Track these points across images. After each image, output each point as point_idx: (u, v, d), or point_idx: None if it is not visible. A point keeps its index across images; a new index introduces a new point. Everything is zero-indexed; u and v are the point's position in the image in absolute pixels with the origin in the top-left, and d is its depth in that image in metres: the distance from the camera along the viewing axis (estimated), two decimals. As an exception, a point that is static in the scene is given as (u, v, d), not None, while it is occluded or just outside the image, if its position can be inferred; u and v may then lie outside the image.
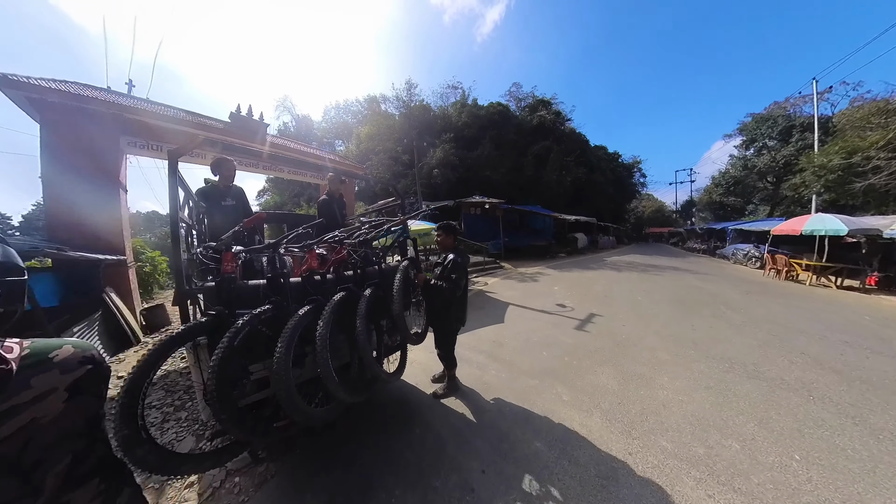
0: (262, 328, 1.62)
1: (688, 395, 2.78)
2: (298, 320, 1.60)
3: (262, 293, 1.80)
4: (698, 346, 3.85)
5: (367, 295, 2.00)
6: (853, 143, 11.54)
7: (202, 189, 2.95)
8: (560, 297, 6.77)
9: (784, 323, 4.83)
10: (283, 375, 1.42)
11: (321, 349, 1.59)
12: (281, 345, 1.48)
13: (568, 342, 4.11)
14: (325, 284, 2.09)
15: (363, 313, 1.85)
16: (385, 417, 2.64)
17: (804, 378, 3.06)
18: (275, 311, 1.65)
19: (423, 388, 3.09)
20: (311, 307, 1.73)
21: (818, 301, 6.60)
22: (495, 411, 2.66)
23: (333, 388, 1.61)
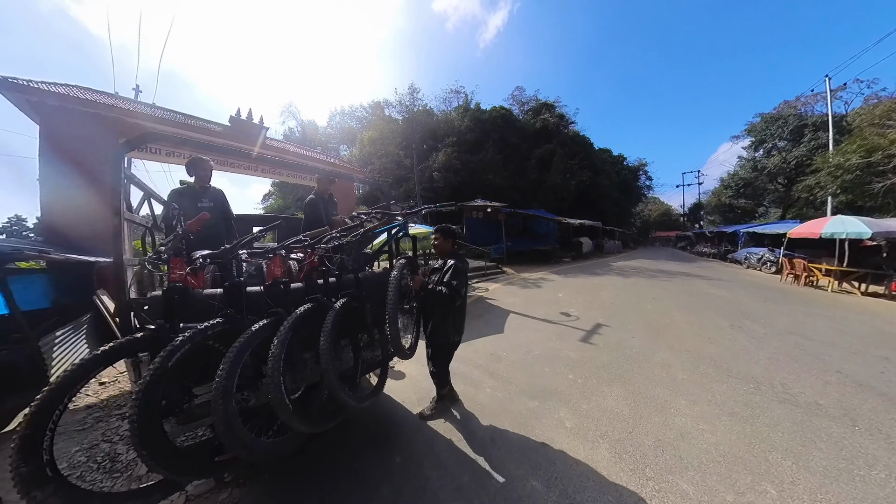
0: (215, 344, 1.45)
1: (710, 422, 2.42)
2: (248, 337, 1.40)
3: (218, 305, 1.58)
4: (718, 363, 3.47)
5: (336, 307, 1.75)
6: (873, 142, 11.04)
7: (176, 190, 2.79)
8: (564, 305, 6.41)
9: (811, 335, 4.41)
10: (220, 402, 1.21)
11: (273, 372, 1.37)
12: (223, 367, 1.28)
13: (572, 356, 3.77)
14: (290, 295, 1.84)
15: (329, 329, 1.60)
16: (364, 440, 2.37)
17: (844, 402, 2.67)
18: (228, 326, 1.47)
19: (410, 406, 2.82)
20: (269, 321, 1.53)
21: (844, 309, 6.13)
22: (487, 439, 2.34)
23: (287, 417, 1.38)
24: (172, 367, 1.24)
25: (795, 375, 3.17)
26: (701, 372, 3.26)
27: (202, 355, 1.39)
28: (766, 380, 3.07)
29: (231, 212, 3.12)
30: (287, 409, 1.37)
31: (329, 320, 1.63)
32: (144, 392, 1.17)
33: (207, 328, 1.39)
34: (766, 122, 24.83)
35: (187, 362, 1.30)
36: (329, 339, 1.56)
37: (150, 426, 1.19)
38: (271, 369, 1.36)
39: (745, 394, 2.82)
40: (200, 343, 1.35)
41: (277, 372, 1.37)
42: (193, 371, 1.42)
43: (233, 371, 1.28)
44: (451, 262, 2.35)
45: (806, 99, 23.77)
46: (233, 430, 1.23)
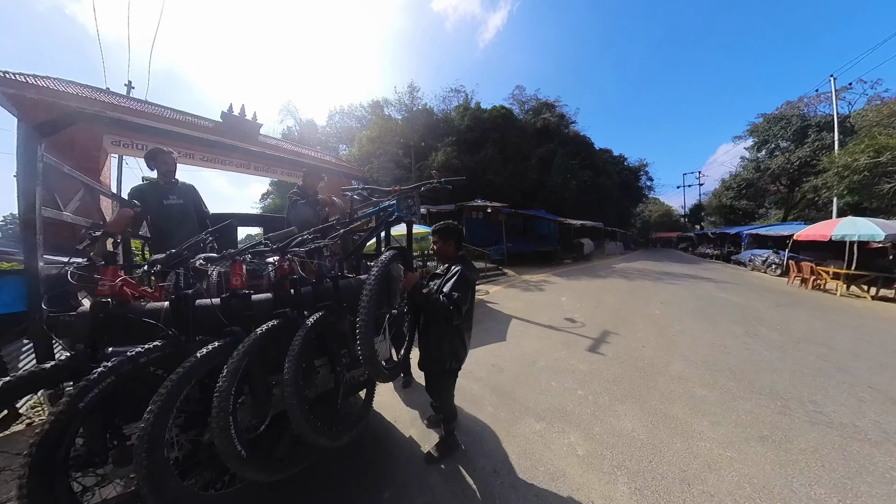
0: (158, 371, 1.21)
1: (738, 449, 2.18)
2: (189, 368, 1.14)
3: (163, 323, 1.30)
4: (738, 376, 3.22)
5: (307, 325, 1.48)
6: (882, 142, 10.81)
7: (137, 187, 2.50)
8: (569, 310, 6.16)
9: (832, 344, 4.17)
10: (143, 452, 0.97)
11: (218, 411, 1.11)
12: (151, 408, 1.03)
13: (581, 368, 3.52)
14: (252, 309, 1.56)
15: (295, 353, 1.33)
16: (350, 470, 2.09)
17: (884, 424, 2.43)
18: (169, 350, 1.22)
19: (404, 427, 2.55)
20: (220, 345, 1.28)
21: (858, 315, 5.90)
22: (490, 470, 2.07)
23: (238, 467, 1.13)
24: (88, 406, 0.99)
25: (824, 391, 2.92)
26: (721, 387, 3.01)
27: (142, 385, 1.14)
28: (794, 396, 2.82)
29: (205, 210, 2.82)
30: (236, 457, 1.11)
31: (297, 342, 1.37)
32: (39, 446, 0.92)
33: (140, 355, 1.13)
34: (768, 122, 24.61)
35: (118, 395, 1.08)
36: (294, 367, 1.30)
37: (50, 491, 0.93)
38: (216, 409, 1.11)
39: (772, 413, 2.57)
40: (131, 374, 1.10)
41: (224, 412, 1.11)
42: (128, 405, 1.16)
43: (163, 413, 1.03)
44: (457, 267, 1.92)
45: (809, 99, 23.59)
46: (159, 488, 0.99)
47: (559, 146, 26.18)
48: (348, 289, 2.06)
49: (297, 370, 1.30)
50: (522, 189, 24.49)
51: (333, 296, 1.83)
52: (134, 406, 1.16)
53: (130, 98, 8.58)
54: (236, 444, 1.11)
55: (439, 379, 2.08)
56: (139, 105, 7.16)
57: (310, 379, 1.57)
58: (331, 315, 1.70)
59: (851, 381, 3.11)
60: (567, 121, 30.24)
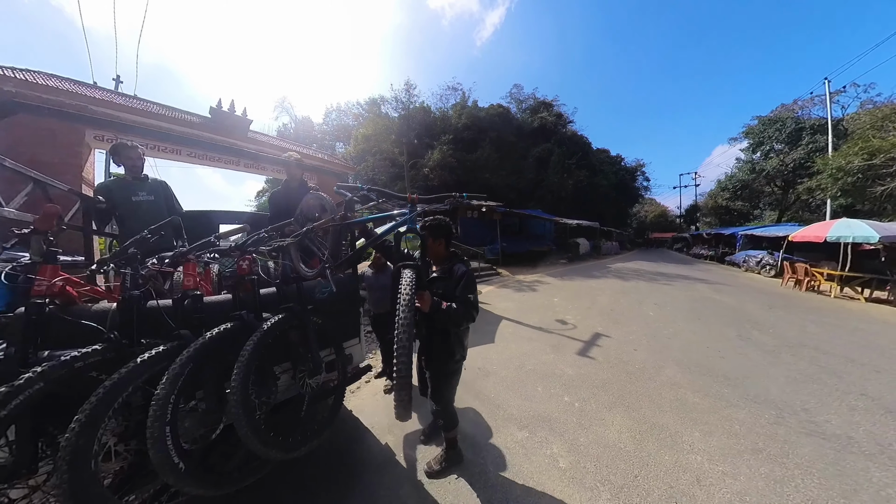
0: (99, 376, 1.13)
1: (731, 462, 2.06)
2: (125, 375, 1.07)
3: (110, 325, 1.25)
4: (732, 382, 3.11)
5: (262, 329, 1.38)
6: (875, 144, 10.82)
7: (103, 183, 2.51)
8: (561, 311, 6.05)
9: (825, 348, 4.08)
10: (65, 466, 0.91)
11: (154, 422, 1.05)
12: (79, 415, 0.97)
13: (569, 373, 3.39)
14: (205, 312, 1.48)
15: (245, 359, 1.27)
16: (321, 477, 1.99)
17: (877, 434, 2.32)
18: (109, 354, 1.16)
19: (380, 432, 2.44)
20: (164, 349, 1.22)
21: (852, 317, 5.84)
22: (463, 483, 1.95)
23: (173, 479, 1.07)
24: (14, 413, 0.94)
25: (818, 399, 2.82)
26: (714, 394, 2.90)
27: (84, 391, 1.05)
28: (788, 405, 2.71)
29: (179, 207, 2.76)
30: (172, 470, 1.05)
31: (249, 346, 1.30)
32: None
33: (75, 359, 1.07)
34: (763, 124, 24.71)
35: (52, 401, 1.03)
36: (243, 373, 1.23)
37: None
38: (151, 417, 1.06)
39: (766, 423, 2.46)
40: (66, 379, 1.04)
41: (160, 420, 1.06)
42: (67, 413, 1.07)
43: (91, 422, 0.97)
44: (462, 269, 1.84)
45: (803, 102, 23.71)
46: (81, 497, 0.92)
47: (556, 145, 26.11)
48: (313, 291, 1.94)
49: (245, 376, 1.23)
50: (519, 188, 24.40)
51: (298, 298, 1.73)
52: (73, 413, 1.06)
53: (117, 93, 8.31)
54: (173, 456, 1.05)
55: (445, 378, 1.93)
56: (124, 100, 6.91)
57: (267, 385, 1.47)
58: (293, 318, 1.60)
59: (845, 387, 3.01)
60: (565, 120, 30.19)
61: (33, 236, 1.34)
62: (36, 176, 2.08)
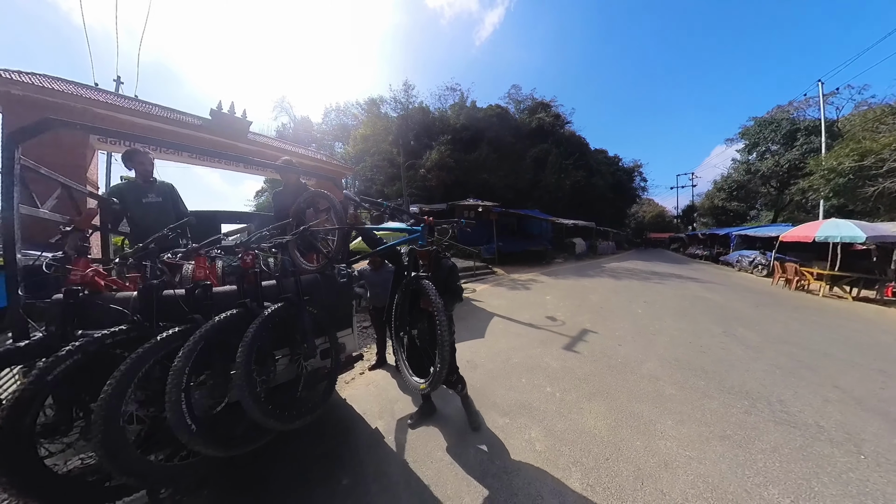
0: (123, 353, 1.29)
1: (698, 447, 2.14)
2: (147, 349, 1.25)
3: (132, 311, 1.42)
4: (710, 376, 3.20)
5: (264, 315, 1.55)
6: (866, 145, 10.95)
7: (116, 186, 2.69)
8: (551, 309, 6.13)
9: (806, 344, 4.18)
10: (100, 423, 1.09)
11: (172, 389, 1.21)
12: (110, 383, 1.13)
13: (553, 366, 3.48)
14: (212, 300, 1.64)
15: (248, 340, 1.42)
16: (315, 456, 2.13)
17: (846, 424, 2.41)
18: (134, 334, 1.35)
19: (371, 418, 2.55)
20: (179, 330, 1.39)
21: (836, 315, 5.95)
22: (447, 462, 2.06)
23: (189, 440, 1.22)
24: (55, 380, 1.11)
25: (793, 391, 2.91)
26: (691, 386, 2.99)
27: (110, 366, 1.22)
28: (762, 396, 2.80)
29: (184, 208, 2.93)
30: (186, 430, 1.21)
31: (251, 329, 1.46)
32: (10, 410, 1.03)
33: (105, 337, 1.25)
34: (759, 125, 24.88)
35: (84, 374, 1.21)
36: (246, 352, 1.39)
37: (16, 450, 1.04)
38: (169, 384, 1.22)
39: (738, 412, 2.55)
40: (97, 353, 1.22)
41: (177, 388, 1.22)
42: (97, 385, 1.23)
43: (120, 389, 1.15)
44: (448, 262, 2.22)
45: (798, 104, 23.87)
46: (113, 454, 1.10)
47: (554, 146, 26.21)
48: (312, 283, 2.11)
49: (248, 354, 1.39)
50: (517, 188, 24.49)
51: (295, 289, 1.90)
52: (102, 385, 1.23)
53: (118, 95, 8.34)
54: (186, 418, 1.21)
55: (453, 351, 2.22)
56: (126, 102, 6.95)
57: (267, 365, 1.64)
58: (291, 307, 1.75)
59: (820, 381, 3.11)
60: (562, 121, 30.29)
61: (73, 233, 1.58)
62: (63, 181, 2.26)
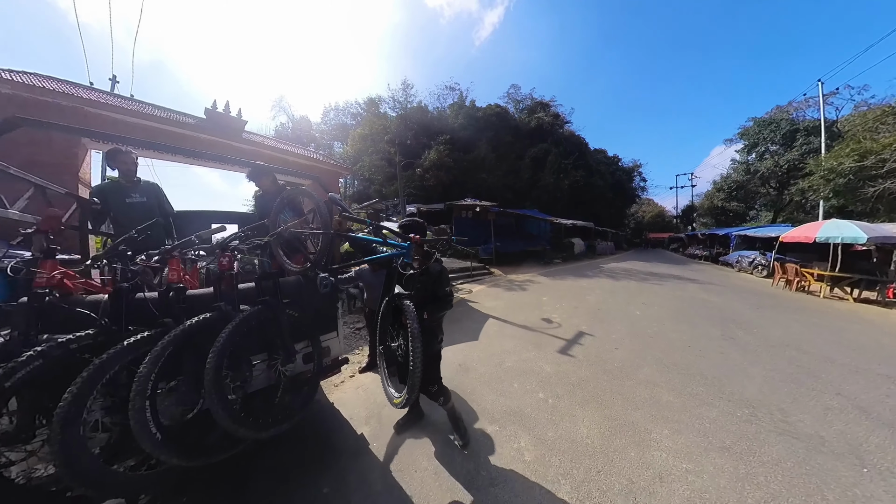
0: (91, 357, 1.23)
1: (696, 460, 2.04)
2: (112, 355, 1.20)
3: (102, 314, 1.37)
4: (709, 382, 3.09)
5: (238, 318, 1.49)
6: (866, 146, 10.86)
7: (99, 186, 2.65)
8: (548, 310, 6.03)
9: (807, 348, 4.08)
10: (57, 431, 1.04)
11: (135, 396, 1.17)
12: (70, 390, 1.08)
13: (547, 370, 3.37)
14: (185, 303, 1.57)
15: (220, 345, 1.37)
16: (299, 462, 2.05)
17: (849, 434, 2.31)
18: (100, 338, 1.29)
19: (357, 424, 2.46)
20: (151, 334, 1.33)
21: (838, 318, 5.85)
22: (430, 472, 1.96)
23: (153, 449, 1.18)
24: (14, 386, 1.07)
25: (793, 398, 2.80)
26: (689, 392, 2.88)
27: (77, 371, 1.17)
28: (762, 403, 2.70)
29: (170, 208, 2.87)
30: (150, 440, 1.17)
31: (224, 334, 1.41)
32: None
33: (70, 341, 1.20)
34: (758, 126, 24.79)
35: (50, 380, 1.16)
36: (216, 357, 1.35)
37: None
38: (133, 392, 1.18)
39: (738, 421, 2.44)
40: (62, 358, 1.17)
41: (141, 396, 1.18)
42: (57, 391, 1.18)
43: (80, 395, 1.10)
44: (437, 267, 2.03)
45: (798, 104, 23.78)
46: (69, 462, 1.05)
47: (553, 146, 26.11)
48: (290, 286, 2.03)
49: (219, 359, 1.34)
50: (515, 188, 24.40)
51: (273, 292, 1.83)
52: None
53: (114, 95, 8.21)
54: (150, 427, 1.17)
55: (433, 361, 2.07)
56: (119, 101, 6.82)
57: (242, 370, 1.59)
58: (268, 310, 1.68)
59: (821, 387, 3.00)
60: (562, 120, 30.20)
61: (36, 235, 1.48)
62: (35, 180, 2.18)
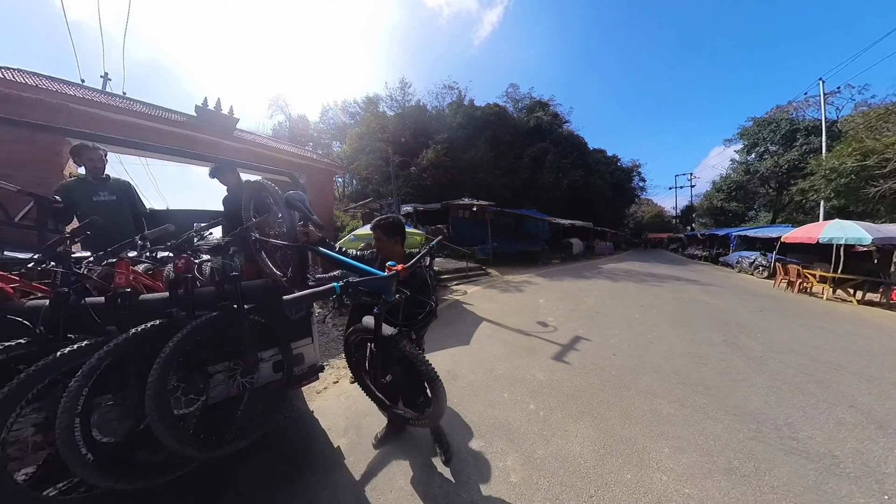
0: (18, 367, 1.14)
1: (699, 484, 1.85)
2: (42, 367, 1.10)
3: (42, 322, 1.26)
4: (712, 392, 2.90)
5: (191, 326, 1.38)
6: (869, 145, 10.69)
7: (63, 184, 2.49)
8: (543, 313, 5.84)
9: (814, 354, 3.89)
10: None
11: (62, 414, 1.08)
12: None
13: (539, 378, 3.18)
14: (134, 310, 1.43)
15: (165, 355, 1.25)
16: (271, 475, 1.91)
17: (865, 453, 2.12)
18: (33, 348, 1.20)
19: (336, 435, 2.30)
20: (90, 344, 1.21)
21: (844, 321, 5.66)
22: (407, 493, 1.78)
23: (80, 470, 1.09)
24: None
25: (802, 411, 2.61)
26: (691, 404, 2.69)
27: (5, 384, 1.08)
28: (769, 417, 2.51)
29: (142, 206, 2.76)
30: (79, 461, 1.08)
31: (172, 343, 1.30)
32: None
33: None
34: (758, 125, 24.64)
35: None
36: (161, 368, 1.23)
37: None
38: (61, 408, 1.08)
39: (744, 438, 2.25)
40: None
41: (69, 413, 1.09)
42: None
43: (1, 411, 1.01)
44: (421, 273, 1.89)
45: (798, 104, 23.64)
46: None
47: (552, 145, 25.96)
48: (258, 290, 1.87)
49: (163, 370, 1.24)
50: (514, 188, 24.23)
51: (233, 297, 1.65)
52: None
53: (104, 92, 8.00)
54: (79, 447, 1.09)
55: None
56: (107, 98, 6.61)
57: (195, 382, 1.48)
58: (226, 317, 1.57)
59: (833, 398, 2.81)
60: (561, 120, 30.07)
61: None
62: None
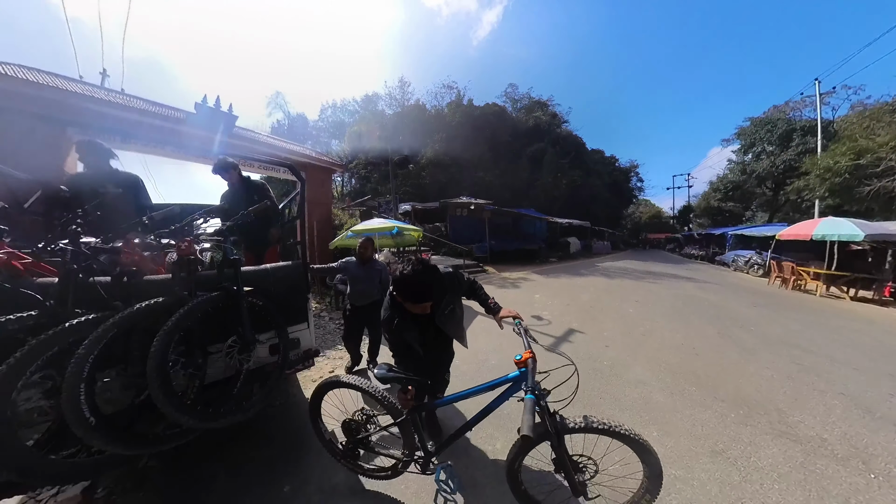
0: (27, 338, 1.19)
1: (686, 466, 1.86)
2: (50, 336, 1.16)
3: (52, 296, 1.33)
4: (702, 382, 2.92)
5: (191, 304, 1.44)
6: (862, 145, 10.77)
7: (71, 176, 2.59)
8: (539, 308, 5.85)
9: (807, 346, 3.92)
10: None
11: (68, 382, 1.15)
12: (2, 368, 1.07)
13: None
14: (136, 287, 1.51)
15: (167, 329, 1.32)
16: (266, 458, 1.99)
17: (853, 436, 2.14)
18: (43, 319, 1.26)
19: (328, 420, 2.30)
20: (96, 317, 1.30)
21: (836, 316, 5.71)
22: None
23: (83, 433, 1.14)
24: None
25: (792, 398, 2.63)
26: (682, 393, 2.71)
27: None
28: (759, 404, 2.53)
29: (148, 201, 2.84)
30: (83, 424, 1.13)
31: (173, 318, 1.37)
32: None
33: (9, 322, 1.18)
34: (755, 126, 24.79)
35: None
36: (163, 341, 1.31)
37: None
38: (68, 373, 1.14)
39: (733, 423, 2.27)
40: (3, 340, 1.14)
41: (76, 378, 1.15)
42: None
43: (10, 378, 1.07)
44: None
45: (794, 104, 23.79)
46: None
47: (550, 145, 26.02)
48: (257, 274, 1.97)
49: (164, 344, 1.31)
50: (513, 187, 24.27)
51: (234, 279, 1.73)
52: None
53: (103, 88, 7.97)
54: (84, 411, 1.14)
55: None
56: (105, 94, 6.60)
57: (195, 357, 1.55)
58: (226, 297, 1.64)
59: (823, 387, 2.84)
60: (559, 120, 30.15)
61: None
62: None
